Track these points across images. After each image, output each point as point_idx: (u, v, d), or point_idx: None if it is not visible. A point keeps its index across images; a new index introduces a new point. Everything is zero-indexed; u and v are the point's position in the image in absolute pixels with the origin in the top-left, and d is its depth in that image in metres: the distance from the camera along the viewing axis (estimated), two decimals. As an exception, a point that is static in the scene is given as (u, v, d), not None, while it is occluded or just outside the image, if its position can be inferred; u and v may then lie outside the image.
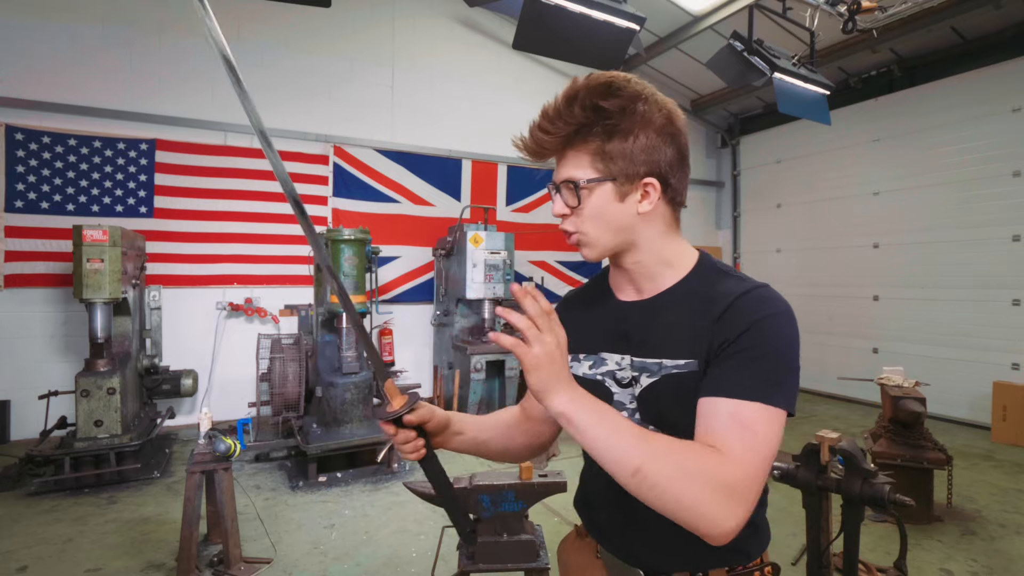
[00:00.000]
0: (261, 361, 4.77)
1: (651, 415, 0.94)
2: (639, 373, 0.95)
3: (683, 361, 0.90)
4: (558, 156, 0.95)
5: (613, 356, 1.00)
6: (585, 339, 1.05)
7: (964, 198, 5.88)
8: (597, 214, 0.93)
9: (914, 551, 3.07)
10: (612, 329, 1.01)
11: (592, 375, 1.02)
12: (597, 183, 0.91)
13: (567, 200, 0.94)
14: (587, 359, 1.03)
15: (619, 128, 0.89)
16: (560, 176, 0.94)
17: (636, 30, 3.85)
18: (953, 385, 5.85)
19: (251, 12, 5.62)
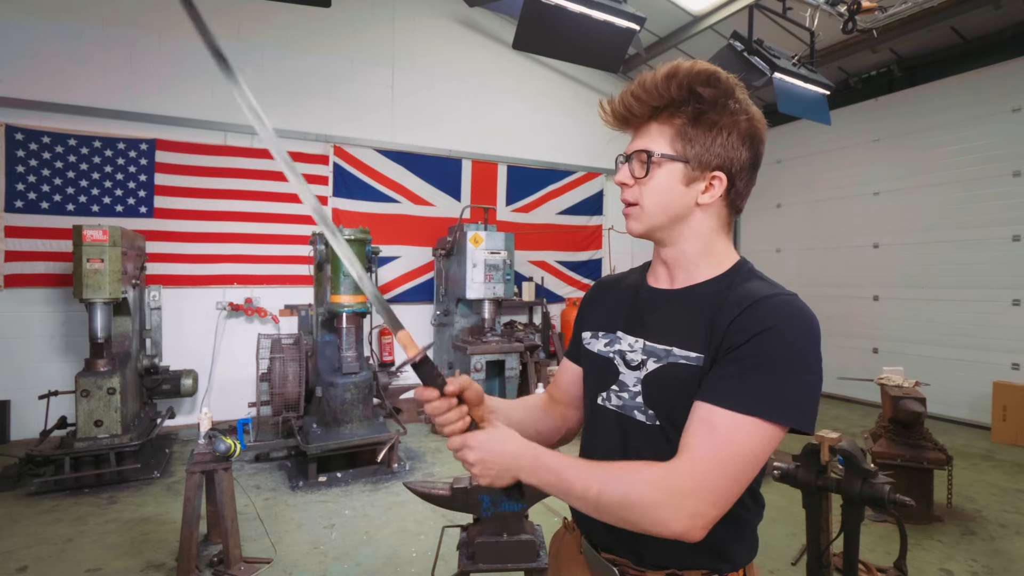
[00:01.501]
0: (261, 361, 4.77)
1: (654, 401, 0.94)
2: (647, 357, 0.96)
3: (693, 354, 0.90)
4: (639, 127, 0.97)
5: (628, 337, 1.01)
6: (606, 317, 1.08)
7: (964, 198, 5.88)
8: (660, 189, 0.94)
9: (914, 551, 3.07)
10: (633, 311, 1.03)
11: (605, 352, 1.04)
12: (670, 160, 0.93)
13: (634, 170, 0.96)
14: (604, 336, 1.06)
15: (707, 116, 0.92)
16: (635, 146, 0.96)
17: (636, 30, 3.85)
18: (953, 385, 5.85)
19: (251, 12, 5.62)
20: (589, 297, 1.20)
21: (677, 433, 0.88)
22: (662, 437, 0.93)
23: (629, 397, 0.98)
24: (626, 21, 3.81)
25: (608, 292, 1.14)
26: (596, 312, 1.13)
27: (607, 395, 1.02)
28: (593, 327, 1.10)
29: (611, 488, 0.81)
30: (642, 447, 0.95)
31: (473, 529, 2.13)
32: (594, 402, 1.06)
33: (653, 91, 0.92)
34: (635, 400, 0.97)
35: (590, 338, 1.10)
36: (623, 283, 1.13)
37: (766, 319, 0.84)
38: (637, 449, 0.96)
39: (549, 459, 0.87)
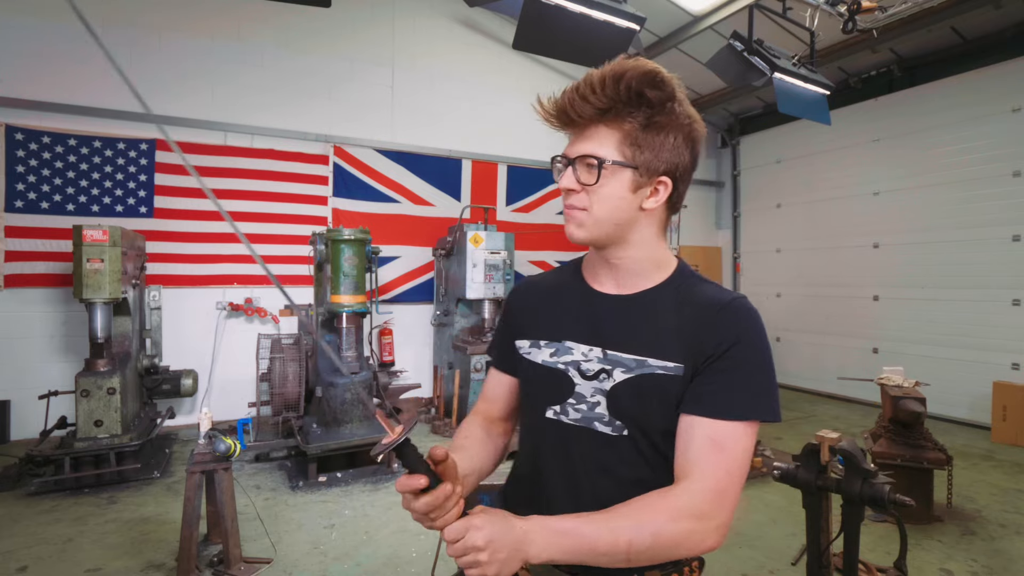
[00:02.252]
0: (261, 361, 4.77)
1: (621, 411, 0.93)
2: (612, 367, 0.94)
3: (671, 364, 0.90)
4: (580, 129, 0.93)
5: (580, 346, 0.97)
6: (548, 325, 1.02)
7: (964, 198, 5.88)
8: (610, 196, 0.92)
9: (914, 551, 3.07)
10: (583, 318, 0.99)
11: (553, 363, 0.99)
12: (620, 167, 0.90)
13: (582, 176, 0.92)
14: (548, 346, 1.00)
15: (656, 121, 0.90)
16: (580, 150, 0.92)
17: (636, 30, 3.85)
18: (953, 385, 5.85)
19: (251, 12, 5.62)
20: (518, 302, 1.12)
21: (647, 441, 0.91)
22: (631, 447, 0.93)
23: (588, 409, 0.95)
24: (626, 21, 3.81)
25: (542, 297, 1.08)
26: (532, 319, 1.06)
27: (561, 408, 0.98)
28: (532, 335, 1.04)
29: (640, 534, 0.80)
30: (605, 458, 0.94)
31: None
32: (542, 416, 1.00)
33: (601, 93, 0.88)
34: (595, 411, 0.94)
35: (529, 347, 1.03)
36: (557, 286, 1.07)
37: (738, 326, 0.90)
38: (599, 461, 0.94)
39: (558, 523, 0.81)
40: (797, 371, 7.70)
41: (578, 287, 1.03)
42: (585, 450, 0.95)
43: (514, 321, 1.10)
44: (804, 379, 7.61)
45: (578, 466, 0.96)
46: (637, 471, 0.93)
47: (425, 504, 0.78)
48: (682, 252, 8.06)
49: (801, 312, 7.68)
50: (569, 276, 1.07)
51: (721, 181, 8.96)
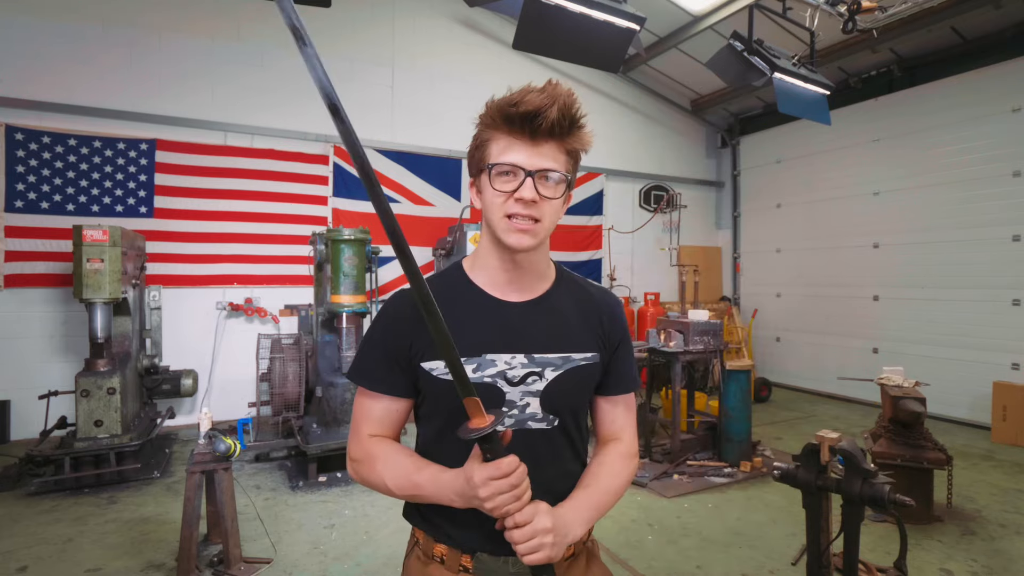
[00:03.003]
0: (261, 361, 4.77)
1: (555, 404, 1.03)
2: (541, 368, 1.01)
3: (590, 354, 1.06)
4: (536, 142, 0.94)
5: (502, 356, 1.00)
6: (461, 342, 0.96)
7: (964, 198, 5.88)
8: (557, 209, 0.99)
9: (914, 551, 3.07)
10: (499, 329, 1.01)
11: (478, 378, 0.97)
12: (566, 182, 0.98)
13: (544, 190, 0.95)
14: (468, 362, 0.97)
15: (584, 143, 1.00)
16: (543, 164, 0.95)
17: (636, 30, 3.85)
18: (953, 385, 5.85)
19: (251, 12, 5.62)
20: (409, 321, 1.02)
21: (575, 423, 1.08)
22: (560, 435, 1.06)
23: (519, 412, 1.01)
24: (626, 21, 3.81)
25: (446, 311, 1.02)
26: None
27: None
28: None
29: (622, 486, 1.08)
30: (541, 450, 1.02)
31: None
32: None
33: (571, 114, 0.94)
34: (526, 412, 1.01)
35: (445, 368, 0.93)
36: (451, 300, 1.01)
37: (624, 317, 1.15)
38: (539, 455, 1.00)
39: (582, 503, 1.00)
40: (797, 371, 7.70)
41: (480, 298, 1.04)
42: (523, 449, 0.94)
43: (414, 342, 1.01)
44: (804, 379, 7.61)
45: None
46: (567, 452, 1.07)
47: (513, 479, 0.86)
48: (682, 252, 8.07)
49: (801, 312, 7.68)
50: (462, 287, 1.05)
51: (721, 181, 8.96)
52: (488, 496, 0.85)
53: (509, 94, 0.94)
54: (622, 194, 8.04)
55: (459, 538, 1.02)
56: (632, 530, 3.40)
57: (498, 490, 0.85)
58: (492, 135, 0.98)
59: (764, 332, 8.17)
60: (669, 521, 3.54)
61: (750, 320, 8.09)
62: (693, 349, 4.54)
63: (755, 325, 8.12)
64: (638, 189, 8.14)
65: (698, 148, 8.76)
